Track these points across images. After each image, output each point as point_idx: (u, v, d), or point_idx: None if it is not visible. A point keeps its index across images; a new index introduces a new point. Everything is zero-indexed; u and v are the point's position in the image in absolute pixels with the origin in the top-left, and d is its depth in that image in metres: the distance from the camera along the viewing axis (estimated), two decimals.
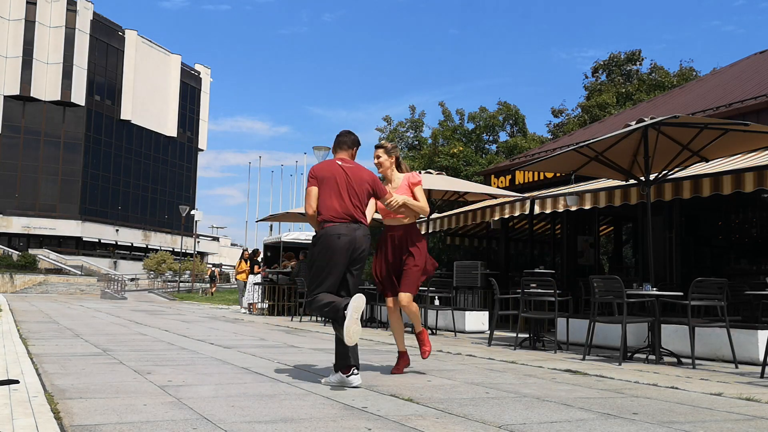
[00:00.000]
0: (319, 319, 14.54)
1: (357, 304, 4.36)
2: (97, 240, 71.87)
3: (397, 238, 5.31)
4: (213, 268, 52.76)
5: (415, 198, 5.29)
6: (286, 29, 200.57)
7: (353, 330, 4.30)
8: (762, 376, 5.75)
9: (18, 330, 9.20)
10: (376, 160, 5.46)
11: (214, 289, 42.97)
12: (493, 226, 14.71)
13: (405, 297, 5.18)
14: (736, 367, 6.51)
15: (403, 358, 5.38)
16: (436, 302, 11.27)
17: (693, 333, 6.67)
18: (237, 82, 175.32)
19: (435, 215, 13.00)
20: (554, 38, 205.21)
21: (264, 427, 3.11)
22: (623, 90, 28.75)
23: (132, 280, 54.38)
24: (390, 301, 5.35)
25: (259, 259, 19.62)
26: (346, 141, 5.02)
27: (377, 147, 5.48)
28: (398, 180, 5.41)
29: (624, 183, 8.50)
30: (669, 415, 3.70)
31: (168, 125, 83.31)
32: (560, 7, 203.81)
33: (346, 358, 4.54)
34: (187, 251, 64.37)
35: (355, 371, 4.52)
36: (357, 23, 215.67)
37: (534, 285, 8.36)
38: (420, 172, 12.44)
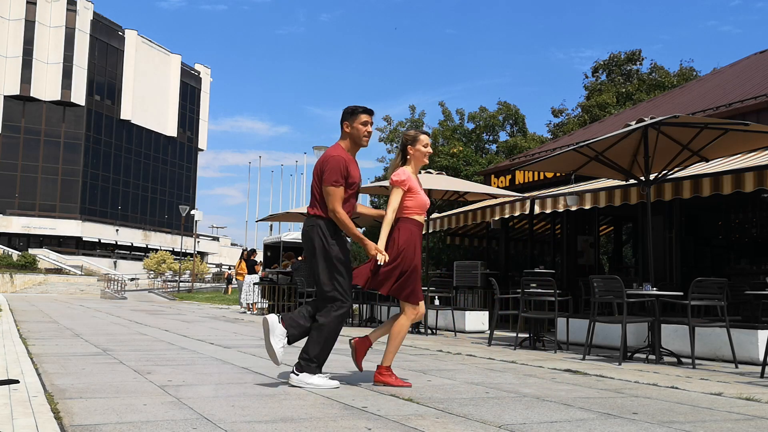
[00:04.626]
0: None
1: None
2: (97, 240, 71.90)
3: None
4: (229, 270, 52.87)
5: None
6: (283, 29, 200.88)
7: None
8: (762, 376, 5.76)
9: (18, 330, 9.20)
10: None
11: (230, 290, 43.19)
12: (493, 226, 14.71)
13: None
14: (736, 367, 6.51)
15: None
16: (436, 302, 11.27)
17: (693, 333, 6.67)
18: (236, 82, 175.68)
19: (435, 215, 13.01)
20: (552, 38, 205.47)
21: (264, 427, 3.11)
22: (623, 90, 28.74)
23: (132, 280, 54.40)
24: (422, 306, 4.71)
25: (257, 259, 19.59)
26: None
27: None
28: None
29: (624, 183, 8.50)
30: (669, 415, 3.70)
31: (168, 125, 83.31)
32: (556, 7, 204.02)
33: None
34: (187, 251, 64.38)
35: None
36: (355, 23, 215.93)
37: (534, 285, 8.36)
38: (420, 172, 12.43)
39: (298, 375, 4.42)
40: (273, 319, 4.45)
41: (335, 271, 4.43)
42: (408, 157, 4.73)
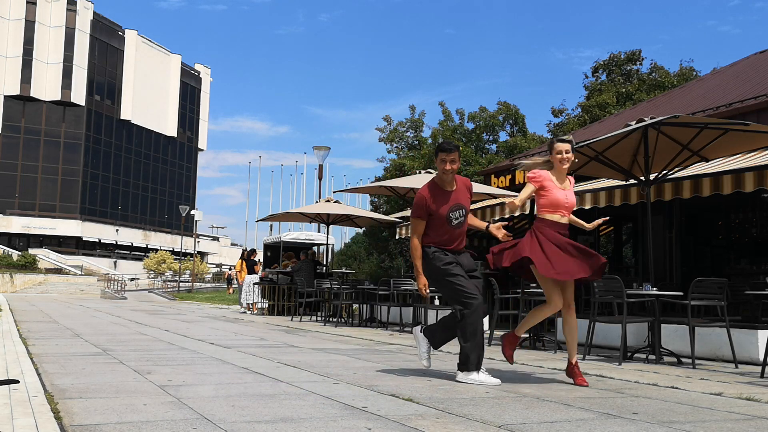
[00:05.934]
0: (318, 318, 14.53)
1: None
2: (97, 240, 71.91)
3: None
4: (229, 271, 52.89)
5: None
6: (282, 29, 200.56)
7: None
8: (762, 376, 5.75)
9: (18, 330, 9.21)
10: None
11: (231, 290, 43.14)
12: None
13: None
14: (736, 367, 6.51)
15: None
16: (436, 302, 11.27)
17: (693, 333, 6.66)
18: (236, 82, 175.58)
19: None
20: (551, 39, 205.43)
21: (264, 427, 3.11)
22: (623, 90, 28.73)
23: (132, 280, 54.42)
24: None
25: (257, 259, 19.58)
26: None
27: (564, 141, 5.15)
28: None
29: (624, 183, 8.49)
30: (669, 415, 3.70)
31: (168, 125, 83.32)
32: (555, 7, 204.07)
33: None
34: (187, 251, 64.38)
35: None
36: (354, 23, 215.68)
37: (534, 285, 8.35)
38: (419, 172, 12.41)
39: (461, 372, 4.96)
40: (415, 330, 5.37)
41: (448, 280, 5.00)
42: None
